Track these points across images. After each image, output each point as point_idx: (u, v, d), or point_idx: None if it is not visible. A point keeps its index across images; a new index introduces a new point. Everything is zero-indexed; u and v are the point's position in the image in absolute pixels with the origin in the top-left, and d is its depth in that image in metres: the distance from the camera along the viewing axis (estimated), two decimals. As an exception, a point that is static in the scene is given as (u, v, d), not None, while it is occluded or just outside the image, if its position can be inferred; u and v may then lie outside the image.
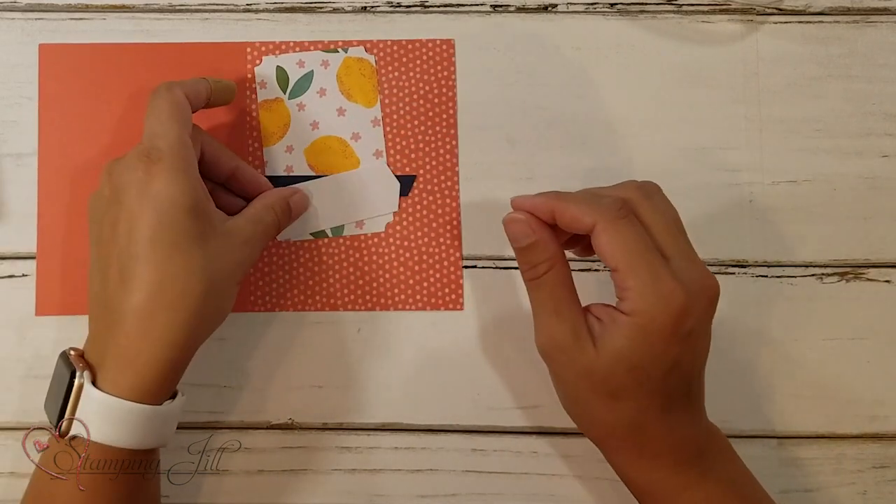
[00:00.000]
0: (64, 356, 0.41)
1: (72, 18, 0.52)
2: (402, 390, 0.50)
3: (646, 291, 0.39)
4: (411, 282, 0.51)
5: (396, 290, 0.51)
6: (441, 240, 0.51)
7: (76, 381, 0.39)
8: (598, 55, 0.53)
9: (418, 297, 0.51)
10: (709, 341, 0.42)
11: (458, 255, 0.51)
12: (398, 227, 0.51)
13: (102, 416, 0.39)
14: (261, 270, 0.51)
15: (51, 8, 0.52)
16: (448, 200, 0.51)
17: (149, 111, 0.43)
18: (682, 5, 0.53)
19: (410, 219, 0.51)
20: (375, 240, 0.51)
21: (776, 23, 0.53)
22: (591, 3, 0.53)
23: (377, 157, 0.52)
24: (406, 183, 0.51)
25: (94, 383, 0.40)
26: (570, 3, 0.53)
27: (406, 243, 0.51)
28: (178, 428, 0.43)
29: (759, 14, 0.53)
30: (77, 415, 0.39)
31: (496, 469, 0.50)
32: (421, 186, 0.52)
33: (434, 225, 0.51)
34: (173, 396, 0.42)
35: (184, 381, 0.50)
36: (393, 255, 0.51)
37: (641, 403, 0.40)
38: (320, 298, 0.51)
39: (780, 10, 0.53)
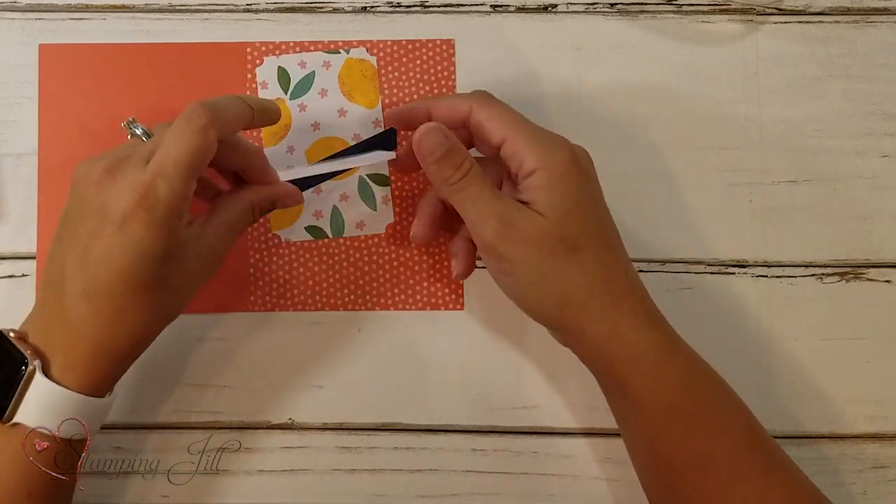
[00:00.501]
0: (1, 336, 0.41)
1: (72, 18, 0.52)
2: (402, 390, 0.50)
3: (539, 145, 0.42)
4: (411, 282, 0.51)
5: (396, 291, 0.51)
6: (441, 240, 0.51)
7: (28, 368, 0.39)
8: (598, 55, 0.53)
9: (418, 297, 0.51)
10: (600, 194, 0.44)
11: (458, 255, 0.51)
12: (398, 227, 0.51)
13: (48, 406, 0.40)
14: (261, 270, 0.51)
15: (51, 8, 0.52)
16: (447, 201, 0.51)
17: (174, 131, 0.40)
18: (682, 5, 0.53)
19: (411, 218, 0.51)
20: (375, 240, 0.51)
21: (776, 23, 0.53)
22: (591, 3, 0.53)
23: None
24: (389, 137, 0.51)
25: (44, 372, 0.40)
26: (570, 3, 0.53)
27: (406, 243, 0.51)
28: (178, 428, 0.43)
29: (759, 14, 0.53)
30: (23, 402, 0.39)
31: (496, 469, 0.50)
32: (422, 187, 0.52)
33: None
34: None
35: (184, 382, 0.50)
36: (393, 256, 0.51)
37: (599, 247, 0.42)
38: (320, 299, 0.51)
39: (780, 10, 0.53)
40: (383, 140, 0.49)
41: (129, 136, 0.44)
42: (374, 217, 0.51)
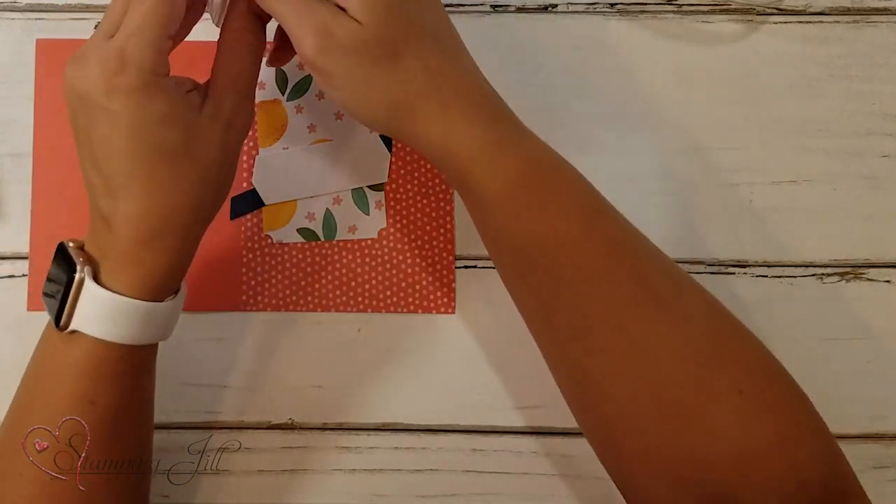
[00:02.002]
0: (62, 248, 0.40)
1: (72, 18, 0.52)
2: (402, 390, 0.50)
3: None
4: (403, 284, 0.51)
5: (389, 293, 0.51)
6: (434, 243, 0.51)
7: (76, 276, 0.38)
8: (598, 55, 0.53)
9: (410, 300, 0.51)
10: None
11: (450, 258, 0.51)
12: (391, 230, 0.51)
13: (103, 313, 0.38)
14: (253, 270, 0.51)
15: (51, 8, 0.52)
16: (442, 204, 0.51)
17: None
18: (682, 5, 0.53)
19: (404, 221, 0.51)
20: (368, 241, 0.51)
21: (776, 23, 0.53)
22: (591, 3, 0.53)
23: (377, 157, 0.52)
24: (387, 140, 0.51)
25: (95, 279, 0.39)
26: (570, 3, 0.53)
27: (399, 246, 0.51)
28: (178, 428, 0.43)
29: (759, 14, 0.53)
30: (77, 310, 0.38)
31: (496, 469, 0.50)
32: (416, 190, 0.51)
33: (427, 228, 0.51)
34: (177, 290, 0.42)
35: (184, 382, 0.50)
36: (386, 258, 0.51)
37: (424, 48, 0.40)
38: (312, 300, 0.51)
39: (780, 10, 0.53)
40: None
41: None
42: (367, 221, 0.51)
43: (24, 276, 0.50)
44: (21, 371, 0.50)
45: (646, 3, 0.53)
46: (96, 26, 0.43)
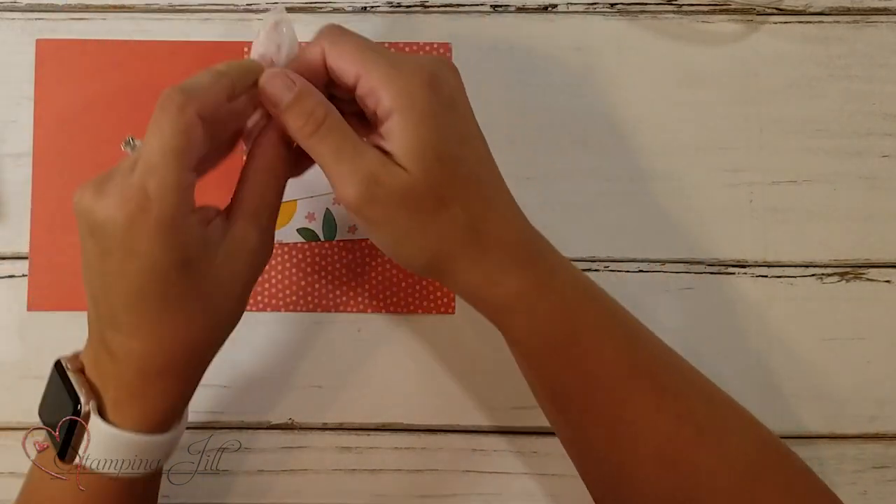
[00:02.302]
0: (61, 369, 0.39)
1: (72, 18, 0.52)
2: (402, 390, 0.50)
3: (394, 81, 0.38)
4: (403, 284, 0.51)
5: (389, 293, 0.51)
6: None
7: (83, 409, 0.38)
8: (598, 55, 0.53)
9: (410, 300, 0.51)
10: (476, 123, 0.41)
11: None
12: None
13: (107, 449, 0.38)
14: (261, 270, 0.51)
15: (51, 8, 0.52)
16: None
17: (151, 126, 0.36)
18: (682, 5, 0.53)
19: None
20: (368, 241, 0.51)
21: (776, 23, 0.53)
22: (591, 3, 0.53)
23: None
24: None
25: (99, 411, 0.38)
26: (570, 3, 0.53)
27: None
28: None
29: (758, 14, 0.53)
30: (81, 445, 0.38)
31: (496, 469, 0.50)
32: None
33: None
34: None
35: (184, 381, 0.50)
36: (386, 258, 0.51)
37: (468, 194, 0.39)
38: (312, 300, 0.51)
39: (780, 10, 0.53)
40: None
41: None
42: None
43: (24, 276, 0.50)
44: (21, 371, 0.50)
45: (646, 3, 0.53)
46: (130, 141, 0.41)
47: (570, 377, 0.40)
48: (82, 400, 0.38)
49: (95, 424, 0.38)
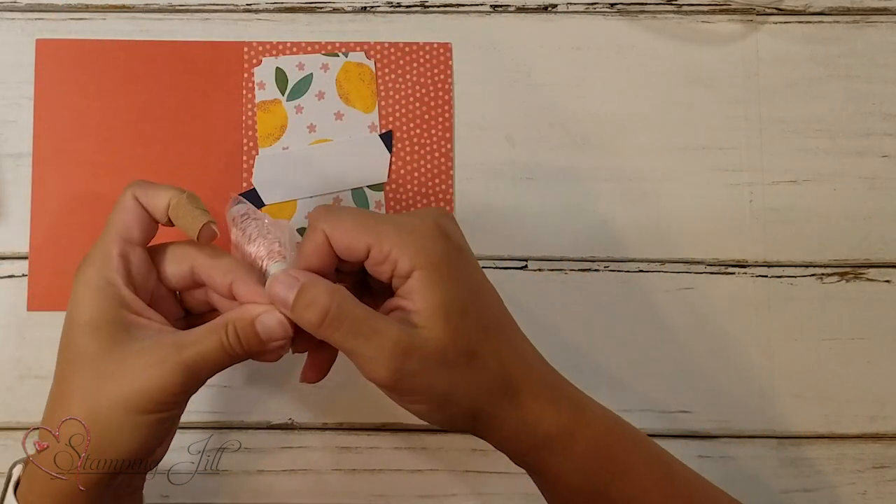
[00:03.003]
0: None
1: (72, 18, 0.52)
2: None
3: (402, 237, 0.38)
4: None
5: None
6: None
7: (13, 475, 0.40)
8: (598, 55, 0.53)
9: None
10: (477, 263, 0.41)
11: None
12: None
13: None
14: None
15: (51, 8, 0.52)
16: (443, 204, 0.51)
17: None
18: (682, 5, 0.53)
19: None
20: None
21: (776, 23, 0.53)
22: (591, 3, 0.53)
23: (377, 157, 0.52)
24: (386, 140, 0.51)
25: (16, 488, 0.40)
26: (570, 3, 0.53)
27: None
28: (178, 428, 0.43)
29: (759, 14, 0.53)
30: None
31: (496, 469, 0.50)
32: (416, 190, 0.51)
33: (433, 226, 0.51)
34: None
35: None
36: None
37: (495, 341, 0.39)
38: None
39: (780, 10, 0.53)
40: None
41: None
42: None
43: (23, 276, 0.50)
44: (21, 371, 0.50)
45: (646, 3, 0.53)
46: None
47: None
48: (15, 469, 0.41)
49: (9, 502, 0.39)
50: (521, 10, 0.53)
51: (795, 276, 0.52)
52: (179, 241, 0.42)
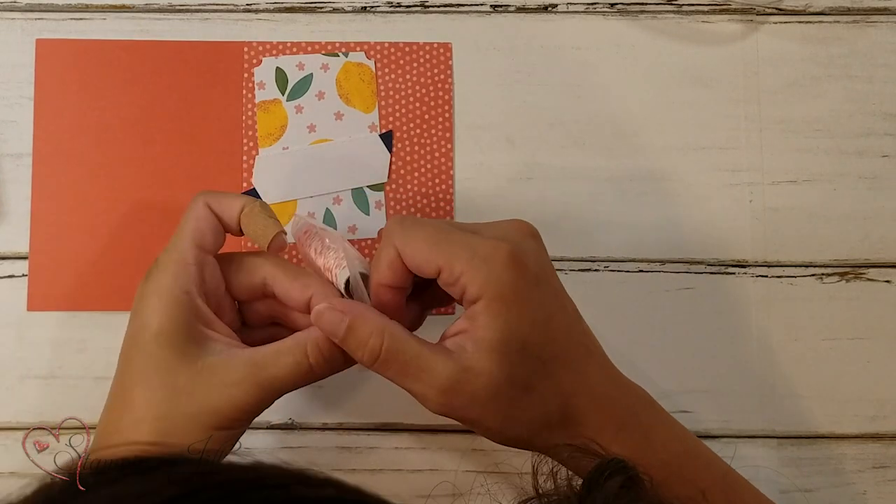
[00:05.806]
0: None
1: (72, 18, 0.52)
2: (402, 390, 0.50)
3: (474, 263, 0.37)
4: (408, 283, 0.51)
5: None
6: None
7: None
8: (598, 55, 0.53)
9: (411, 299, 0.51)
10: (561, 284, 0.40)
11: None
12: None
13: None
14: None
15: (51, 8, 0.52)
16: (442, 204, 0.51)
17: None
18: (682, 5, 0.53)
19: (409, 219, 0.51)
20: (368, 241, 0.51)
21: (776, 23, 0.53)
22: (591, 3, 0.53)
23: (377, 157, 0.52)
24: (386, 140, 0.51)
25: None
26: (570, 3, 0.53)
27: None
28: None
29: (759, 14, 0.53)
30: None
31: (496, 469, 0.50)
32: (416, 190, 0.51)
33: (432, 226, 0.51)
34: None
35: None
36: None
37: (557, 374, 0.38)
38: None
39: (780, 10, 0.53)
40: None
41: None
42: (367, 221, 0.51)
43: (24, 276, 0.50)
44: (21, 371, 0.50)
45: (646, 3, 0.53)
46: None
47: None
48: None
49: None
50: (521, 10, 0.53)
51: (795, 276, 0.52)
52: (249, 251, 0.43)
